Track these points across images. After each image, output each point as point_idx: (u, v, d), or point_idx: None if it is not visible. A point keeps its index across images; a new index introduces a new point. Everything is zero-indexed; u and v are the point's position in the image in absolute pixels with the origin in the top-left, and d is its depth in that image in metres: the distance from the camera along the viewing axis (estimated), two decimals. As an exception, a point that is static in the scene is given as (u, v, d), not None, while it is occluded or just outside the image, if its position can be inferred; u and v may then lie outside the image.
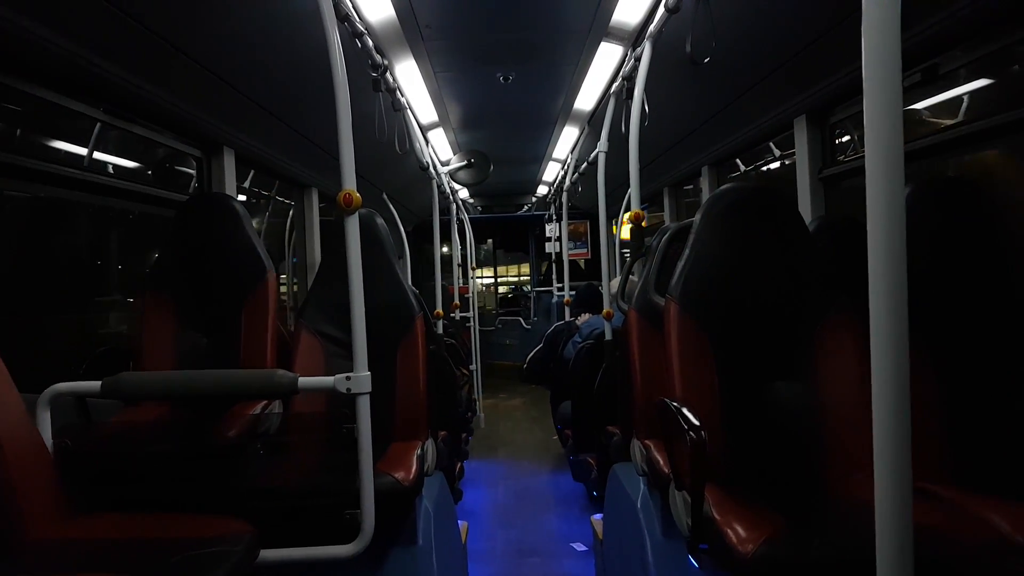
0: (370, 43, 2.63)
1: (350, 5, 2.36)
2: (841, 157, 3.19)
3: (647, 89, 2.73)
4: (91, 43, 2.09)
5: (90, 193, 2.67)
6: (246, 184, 4.31)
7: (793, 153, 3.46)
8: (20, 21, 1.83)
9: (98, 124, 2.65)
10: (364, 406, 1.90)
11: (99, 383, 1.82)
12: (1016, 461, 1.78)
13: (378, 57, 2.77)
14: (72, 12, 1.91)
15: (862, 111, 0.91)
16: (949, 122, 2.70)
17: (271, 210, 4.94)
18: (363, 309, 1.93)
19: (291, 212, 4.89)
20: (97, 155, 2.85)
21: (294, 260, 4.95)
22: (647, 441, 2.37)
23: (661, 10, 2.45)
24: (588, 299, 5.37)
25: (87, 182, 2.53)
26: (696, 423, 1.63)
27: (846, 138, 3.29)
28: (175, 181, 3.50)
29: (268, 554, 1.79)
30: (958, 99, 2.73)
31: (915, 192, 2.10)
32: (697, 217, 2.22)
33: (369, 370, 1.91)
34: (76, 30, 2.00)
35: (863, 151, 3.21)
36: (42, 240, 3.20)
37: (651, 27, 2.62)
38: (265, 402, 2.39)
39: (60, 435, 1.81)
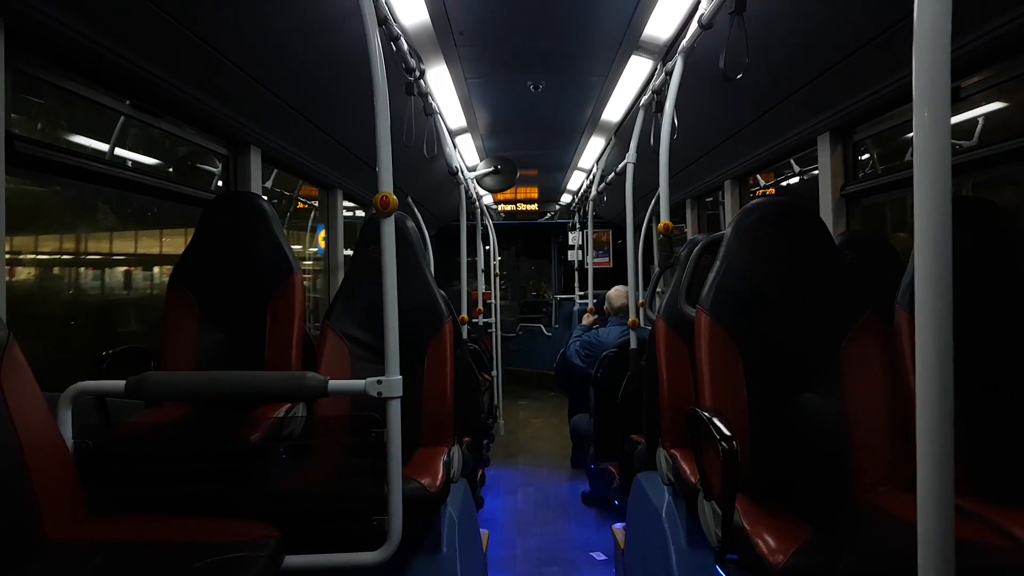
0: (405, 46, 2.61)
1: (387, 9, 2.34)
2: (862, 174, 3.22)
3: (675, 103, 2.74)
4: (121, 35, 2.06)
5: (115, 188, 2.64)
6: (268, 184, 4.28)
7: (812, 169, 3.45)
8: (48, 10, 1.80)
9: (122, 118, 2.63)
10: (395, 411, 1.86)
11: (123, 382, 1.78)
12: None
13: (413, 61, 2.75)
14: (102, 3, 1.89)
15: (885, 130, 0.92)
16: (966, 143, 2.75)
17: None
18: (396, 312, 1.89)
19: (313, 213, 4.88)
20: (118, 151, 2.85)
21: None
22: (674, 450, 2.37)
23: (694, 25, 2.46)
24: None
25: (112, 177, 2.50)
26: (728, 433, 1.65)
27: (865, 156, 3.32)
28: (197, 179, 3.49)
29: (293, 560, 1.74)
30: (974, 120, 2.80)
31: None
32: (728, 230, 2.25)
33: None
34: (105, 21, 1.97)
35: (882, 168, 3.19)
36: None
37: (683, 42, 2.63)
38: (289, 405, 2.36)
39: (81, 435, 1.77)
